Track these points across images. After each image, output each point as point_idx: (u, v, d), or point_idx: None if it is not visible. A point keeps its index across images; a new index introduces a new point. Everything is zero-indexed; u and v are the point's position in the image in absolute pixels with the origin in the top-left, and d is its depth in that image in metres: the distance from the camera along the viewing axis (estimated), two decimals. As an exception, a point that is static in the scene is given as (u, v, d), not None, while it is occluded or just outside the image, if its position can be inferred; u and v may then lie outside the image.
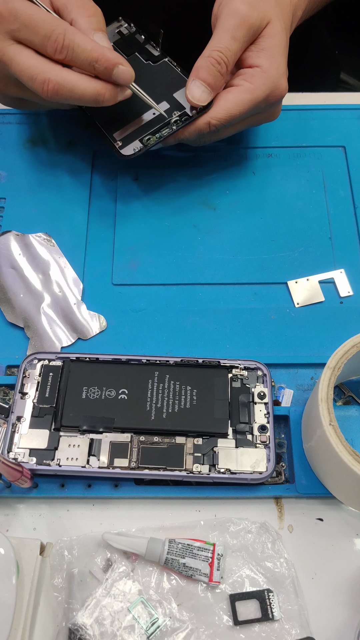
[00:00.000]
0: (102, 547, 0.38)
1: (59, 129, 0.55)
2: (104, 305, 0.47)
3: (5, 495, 0.40)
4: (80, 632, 0.36)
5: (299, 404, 0.43)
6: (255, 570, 0.38)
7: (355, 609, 0.38)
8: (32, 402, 0.41)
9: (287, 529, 0.40)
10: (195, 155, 0.54)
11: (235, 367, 0.42)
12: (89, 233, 0.50)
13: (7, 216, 0.51)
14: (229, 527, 0.39)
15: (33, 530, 0.40)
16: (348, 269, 0.48)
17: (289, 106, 0.56)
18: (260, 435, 0.40)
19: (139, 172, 0.53)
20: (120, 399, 0.41)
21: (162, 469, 0.39)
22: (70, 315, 0.46)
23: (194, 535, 0.39)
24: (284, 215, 0.51)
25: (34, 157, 0.54)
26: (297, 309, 0.47)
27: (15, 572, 0.35)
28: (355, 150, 0.54)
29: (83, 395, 0.41)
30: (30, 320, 0.46)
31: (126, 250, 0.49)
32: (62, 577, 0.38)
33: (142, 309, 0.47)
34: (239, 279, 0.48)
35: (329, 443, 0.35)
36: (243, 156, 0.54)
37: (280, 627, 0.36)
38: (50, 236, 0.50)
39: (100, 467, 0.39)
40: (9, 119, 0.56)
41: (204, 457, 0.39)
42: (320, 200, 0.51)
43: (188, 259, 0.49)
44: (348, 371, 0.41)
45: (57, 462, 0.39)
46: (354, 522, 0.40)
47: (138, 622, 0.36)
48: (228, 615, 0.37)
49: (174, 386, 0.41)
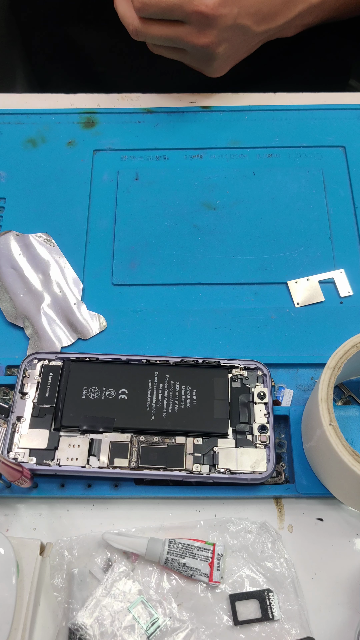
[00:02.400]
0: (102, 547, 0.38)
1: (59, 129, 0.55)
2: (104, 305, 0.47)
3: (5, 495, 0.40)
4: (80, 632, 0.36)
5: (299, 404, 0.43)
6: (255, 570, 0.38)
7: (355, 609, 0.38)
8: (32, 402, 0.41)
9: (287, 529, 0.40)
10: (195, 155, 0.54)
11: (235, 367, 0.42)
12: (89, 233, 0.50)
13: (7, 216, 0.51)
14: (229, 527, 0.39)
15: (33, 530, 0.40)
16: (348, 269, 0.48)
17: (289, 106, 0.56)
18: (260, 435, 0.40)
19: (139, 172, 0.53)
20: (120, 399, 0.41)
21: (162, 469, 0.39)
22: (70, 315, 0.46)
23: (194, 535, 0.39)
24: (284, 215, 0.51)
25: (34, 157, 0.54)
26: (297, 309, 0.47)
27: (15, 572, 0.35)
28: (355, 150, 0.54)
29: (83, 395, 0.41)
30: (30, 320, 0.46)
31: (126, 250, 0.49)
32: (62, 577, 0.38)
33: (142, 309, 0.47)
34: (239, 279, 0.48)
35: (329, 443, 0.35)
36: (243, 156, 0.54)
37: (280, 627, 0.36)
38: (50, 236, 0.50)
39: (100, 467, 0.39)
40: (9, 119, 0.56)
41: (204, 457, 0.39)
42: (320, 200, 0.51)
43: (188, 259, 0.49)
44: (348, 371, 0.41)
45: (57, 462, 0.39)
46: (354, 522, 0.40)
47: (138, 622, 0.36)
48: (228, 615, 0.37)
49: (174, 386, 0.41)
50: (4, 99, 0.58)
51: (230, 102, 0.57)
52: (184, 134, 0.55)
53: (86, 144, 0.54)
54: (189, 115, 0.56)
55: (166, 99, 0.57)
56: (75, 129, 0.55)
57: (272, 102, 0.57)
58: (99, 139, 0.55)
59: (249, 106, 0.56)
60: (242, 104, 0.57)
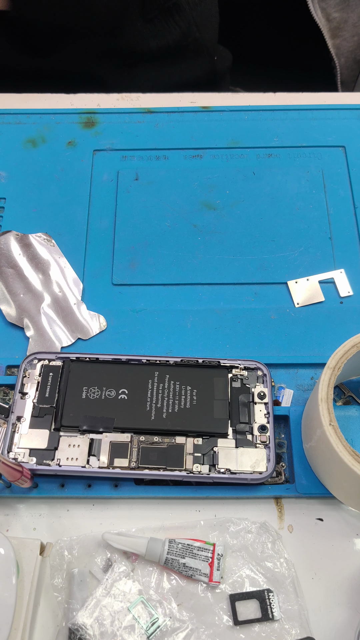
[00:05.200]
0: (102, 547, 0.38)
1: (59, 129, 0.55)
2: (104, 305, 0.47)
3: (5, 495, 0.40)
4: (80, 632, 0.36)
5: (299, 404, 0.43)
6: (255, 570, 0.38)
7: (355, 609, 0.38)
8: (32, 402, 0.41)
9: (287, 529, 0.40)
10: (195, 155, 0.54)
11: (235, 367, 0.42)
12: (89, 233, 0.50)
13: (7, 216, 0.51)
14: (229, 527, 0.39)
15: (33, 530, 0.40)
16: (348, 269, 0.48)
17: (289, 106, 0.56)
18: (260, 435, 0.40)
19: (139, 172, 0.53)
20: (120, 399, 0.41)
21: (162, 469, 0.39)
22: (70, 315, 0.46)
23: (194, 535, 0.39)
24: (284, 215, 0.51)
25: (34, 157, 0.54)
26: (297, 309, 0.47)
27: (15, 572, 0.35)
28: (355, 150, 0.54)
29: (83, 395, 0.41)
30: (30, 320, 0.46)
31: (126, 250, 0.49)
32: (62, 577, 0.38)
33: (142, 309, 0.47)
34: (239, 279, 0.48)
35: (329, 443, 0.35)
36: (243, 156, 0.54)
37: (280, 627, 0.36)
38: (50, 236, 0.50)
39: (100, 467, 0.39)
40: (9, 119, 0.56)
41: (204, 457, 0.39)
42: (320, 200, 0.51)
43: (188, 259, 0.49)
44: (348, 371, 0.41)
45: (57, 462, 0.39)
46: (354, 522, 0.40)
47: (138, 622, 0.36)
48: (228, 615, 0.37)
49: (174, 386, 0.41)
50: (4, 99, 0.58)
51: (230, 102, 0.57)
52: (184, 134, 0.55)
53: (86, 144, 0.54)
54: (189, 115, 0.56)
55: (166, 99, 0.58)
56: (75, 129, 0.55)
57: (272, 102, 0.58)
58: (99, 139, 0.55)
59: (249, 106, 0.56)
60: (242, 104, 0.57)
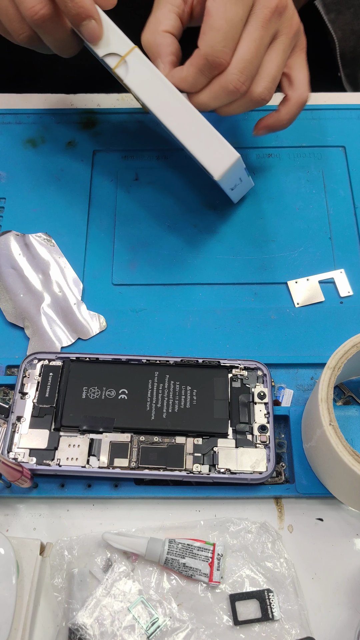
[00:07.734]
0: (102, 547, 0.38)
1: (59, 129, 0.55)
2: (104, 305, 0.47)
3: (5, 495, 0.40)
4: (80, 632, 0.36)
5: (299, 404, 0.43)
6: (255, 570, 0.38)
7: (355, 609, 0.38)
8: (32, 402, 0.41)
9: (287, 529, 0.40)
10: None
11: (235, 367, 0.42)
12: (89, 233, 0.50)
13: (7, 216, 0.51)
14: (229, 527, 0.39)
15: (33, 530, 0.40)
16: (348, 269, 0.48)
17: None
18: (260, 435, 0.40)
19: (139, 172, 0.53)
20: (120, 399, 0.41)
21: (162, 469, 0.39)
22: (70, 315, 0.46)
23: (194, 535, 0.39)
24: (284, 215, 0.51)
25: (34, 157, 0.54)
26: (297, 309, 0.47)
27: (15, 572, 0.35)
28: (355, 150, 0.54)
29: (83, 395, 0.41)
30: (30, 320, 0.46)
31: (126, 250, 0.49)
32: (62, 577, 0.38)
33: (142, 309, 0.47)
34: (239, 279, 0.48)
35: (329, 443, 0.35)
36: (243, 156, 0.54)
37: (280, 627, 0.36)
38: (50, 236, 0.50)
39: (100, 467, 0.39)
40: (9, 119, 0.56)
41: (204, 457, 0.39)
42: (320, 200, 0.51)
43: (188, 259, 0.49)
44: (348, 371, 0.41)
45: (57, 462, 0.39)
46: (354, 522, 0.40)
47: (138, 622, 0.36)
48: (228, 615, 0.37)
49: (174, 386, 0.41)
50: (4, 99, 0.58)
51: (230, 102, 0.57)
52: (184, 134, 0.55)
53: (86, 144, 0.54)
54: (189, 115, 0.56)
55: (166, 99, 0.57)
56: (75, 129, 0.55)
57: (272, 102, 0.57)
58: (98, 139, 0.55)
59: (249, 106, 0.56)
60: (242, 104, 0.57)
